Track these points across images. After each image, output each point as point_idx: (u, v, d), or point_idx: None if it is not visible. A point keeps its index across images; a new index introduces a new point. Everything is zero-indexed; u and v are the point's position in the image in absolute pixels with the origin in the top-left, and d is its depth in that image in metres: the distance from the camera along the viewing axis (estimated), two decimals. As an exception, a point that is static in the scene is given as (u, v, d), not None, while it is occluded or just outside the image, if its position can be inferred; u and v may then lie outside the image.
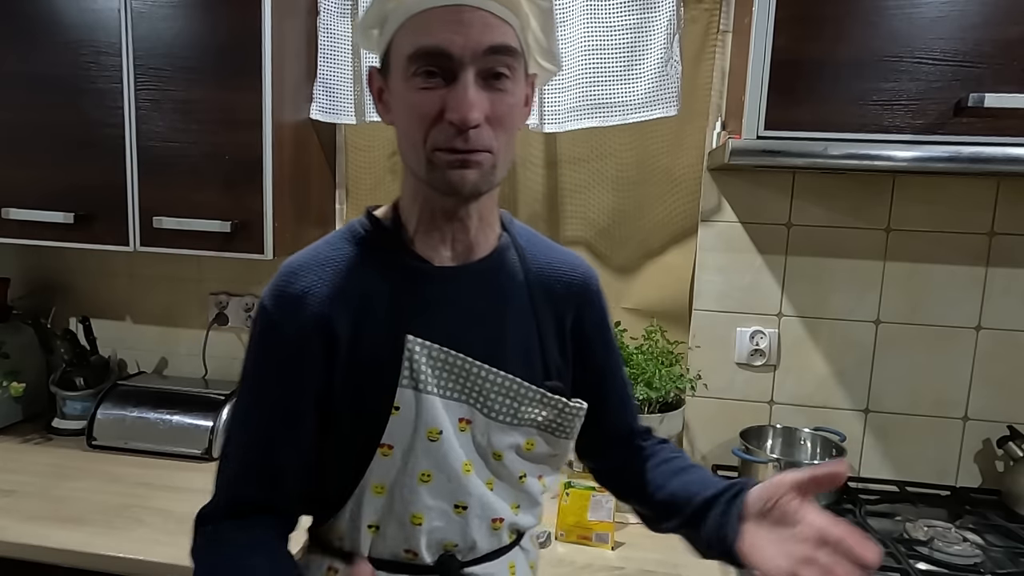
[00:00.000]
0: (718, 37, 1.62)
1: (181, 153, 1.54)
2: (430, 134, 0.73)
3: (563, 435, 0.87)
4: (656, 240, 1.73)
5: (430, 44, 0.71)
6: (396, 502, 0.81)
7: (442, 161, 0.74)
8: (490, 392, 0.82)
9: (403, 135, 0.77)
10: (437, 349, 0.79)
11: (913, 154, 1.23)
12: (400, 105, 0.76)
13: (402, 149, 0.79)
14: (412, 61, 0.73)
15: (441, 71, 0.72)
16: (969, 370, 1.62)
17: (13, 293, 1.95)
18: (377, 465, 0.80)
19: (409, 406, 0.79)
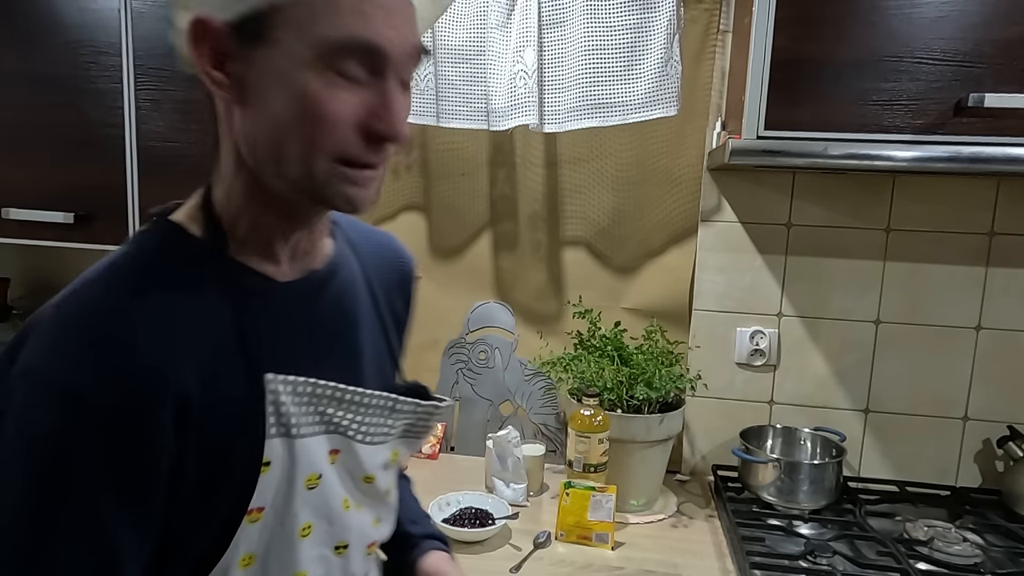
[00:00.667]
0: (718, 37, 1.62)
1: (181, 153, 1.54)
2: (342, 142, 0.60)
3: (422, 435, 0.82)
4: (656, 240, 1.73)
5: (369, 38, 0.58)
6: (271, 568, 0.68)
7: (345, 176, 0.62)
8: (363, 415, 0.72)
9: (284, 132, 0.60)
10: (302, 383, 0.67)
11: (913, 154, 1.23)
12: (291, 95, 0.59)
13: (271, 147, 0.61)
14: (339, 50, 0.58)
15: (364, 70, 0.60)
16: (969, 370, 1.62)
17: (13, 293, 1.95)
18: (244, 534, 0.65)
19: (280, 458, 0.66)
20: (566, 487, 1.40)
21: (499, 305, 1.82)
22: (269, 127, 0.61)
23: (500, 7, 1.58)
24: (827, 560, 1.29)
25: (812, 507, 1.48)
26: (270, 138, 0.61)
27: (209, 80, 0.62)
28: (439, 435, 1.79)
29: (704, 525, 1.49)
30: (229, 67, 0.61)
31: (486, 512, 1.42)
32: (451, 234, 1.82)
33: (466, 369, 1.83)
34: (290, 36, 0.58)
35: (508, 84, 1.60)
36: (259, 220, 0.67)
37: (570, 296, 1.77)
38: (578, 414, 1.45)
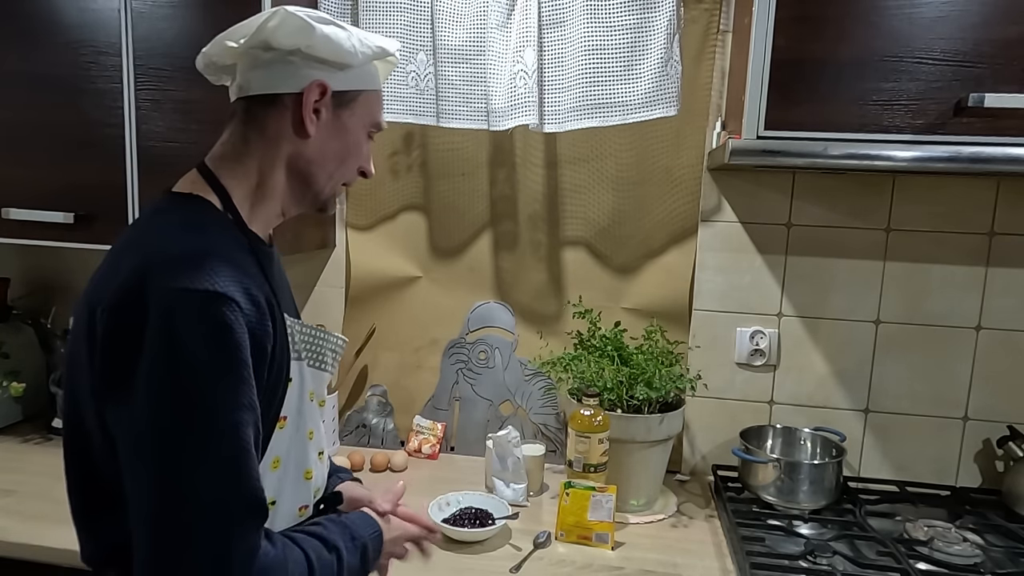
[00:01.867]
0: (718, 37, 1.62)
1: (181, 153, 1.54)
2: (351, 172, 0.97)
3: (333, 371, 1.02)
4: (656, 240, 1.73)
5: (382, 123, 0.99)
6: (291, 467, 0.90)
7: (338, 192, 0.99)
8: (324, 349, 0.97)
9: (327, 160, 0.93)
10: (298, 323, 0.91)
11: (913, 154, 1.23)
12: (343, 141, 0.94)
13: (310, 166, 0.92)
14: (375, 126, 0.98)
15: None
16: (969, 370, 1.62)
17: (13, 293, 1.95)
18: (275, 439, 0.86)
19: (297, 376, 0.89)
20: (566, 487, 1.40)
21: (499, 305, 1.82)
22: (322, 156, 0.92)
23: (500, 7, 1.58)
24: (827, 560, 1.29)
25: (812, 507, 1.48)
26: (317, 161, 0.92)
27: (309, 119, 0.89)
28: (439, 435, 1.79)
29: (704, 525, 1.49)
30: (322, 117, 0.91)
31: (486, 512, 1.42)
32: (451, 234, 1.82)
33: (466, 369, 1.83)
34: (360, 109, 0.95)
35: (508, 84, 1.60)
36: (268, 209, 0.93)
37: (570, 296, 1.77)
38: (578, 414, 1.45)
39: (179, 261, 0.75)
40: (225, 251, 0.81)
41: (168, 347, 0.71)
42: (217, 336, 0.73)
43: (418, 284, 1.85)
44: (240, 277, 0.78)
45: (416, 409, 1.85)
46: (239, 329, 0.74)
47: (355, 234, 1.85)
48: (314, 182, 0.93)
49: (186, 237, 0.80)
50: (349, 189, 1.82)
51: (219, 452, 0.73)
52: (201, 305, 0.73)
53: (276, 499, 0.88)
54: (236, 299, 0.75)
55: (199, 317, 0.72)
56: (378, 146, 1.80)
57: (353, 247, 1.85)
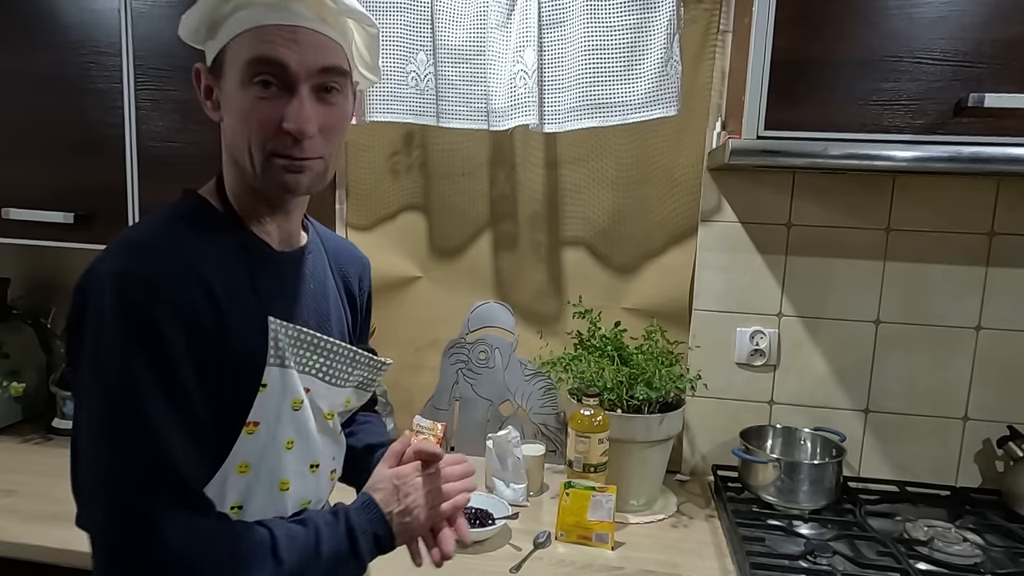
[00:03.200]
0: (718, 37, 1.62)
1: (181, 153, 1.54)
2: (268, 140, 0.82)
3: (370, 390, 1.03)
4: (656, 240, 1.73)
5: (270, 54, 0.80)
6: (263, 474, 0.85)
7: (277, 166, 0.83)
8: (332, 362, 0.93)
9: (237, 136, 0.83)
10: (294, 329, 0.87)
11: (913, 154, 1.23)
12: (235, 108, 0.83)
13: (234, 148, 0.85)
14: (250, 66, 0.80)
15: (278, 82, 0.81)
16: (969, 370, 1.62)
17: (13, 293, 1.95)
18: (242, 444, 0.83)
19: (276, 382, 0.85)
20: (566, 487, 1.40)
21: (499, 305, 1.82)
22: (232, 134, 0.85)
23: (500, 7, 1.58)
24: (827, 560, 1.29)
25: (812, 507, 1.48)
26: (233, 143, 0.85)
27: (205, 108, 0.88)
28: (439, 435, 1.79)
29: (704, 525, 1.49)
30: (214, 96, 0.86)
31: (486, 512, 1.42)
32: (451, 234, 1.82)
33: (466, 369, 1.83)
34: (231, 67, 0.82)
35: (508, 84, 1.60)
36: (251, 203, 0.89)
37: (570, 296, 1.77)
38: (578, 414, 1.45)
39: (118, 249, 0.78)
40: (178, 240, 0.81)
41: (91, 326, 0.75)
42: (121, 314, 0.74)
43: (418, 284, 1.85)
44: (178, 264, 0.78)
45: (416, 409, 1.85)
46: (143, 301, 0.74)
47: (355, 234, 1.85)
48: (244, 164, 0.85)
49: (144, 228, 0.83)
50: (350, 187, 1.82)
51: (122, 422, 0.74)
52: (112, 284, 0.75)
53: (243, 504, 0.85)
54: (151, 279, 0.75)
55: (109, 296, 0.74)
56: (379, 146, 1.80)
57: (353, 247, 1.85)
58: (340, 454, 1.01)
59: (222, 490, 0.82)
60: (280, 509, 0.88)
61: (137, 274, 0.75)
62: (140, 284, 0.75)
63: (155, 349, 0.75)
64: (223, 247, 0.84)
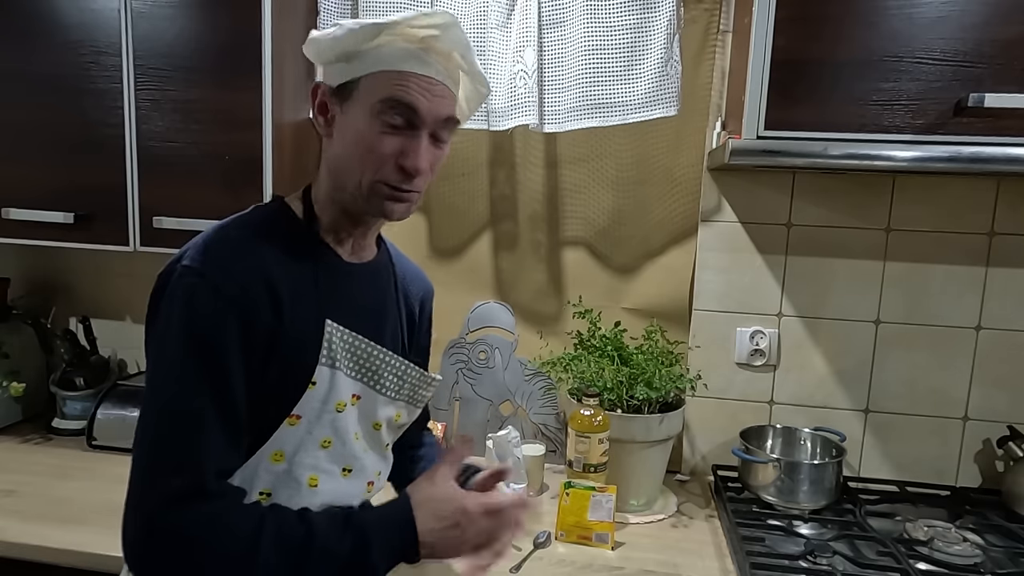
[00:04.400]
0: (718, 37, 1.62)
1: (181, 153, 1.54)
2: (380, 169, 0.89)
3: (419, 405, 1.06)
4: (656, 240, 1.73)
5: (407, 100, 0.88)
6: (295, 467, 0.89)
7: (383, 192, 0.91)
8: (382, 371, 0.97)
9: (347, 158, 0.90)
10: (349, 334, 0.92)
11: (913, 154, 1.23)
12: (355, 135, 0.89)
13: (342, 168, 0.91)
14: (385, 104, 0.88)
15: (404, 123, 0.89)
16: (969, 370, 1.62)
17: (13, 293, 1.95)
18: (282, 433, 0.88)
19: (324, 381, 0.90)
20: (566, 487, 1.40)
21: (499, 305, 1.82)
22: (342, 155, 0.91)
23: (500, 7, 1.58)
24: (827, 560, 1.29)
25: (812, 507, 1.48)
26: (343, 162, 0.91)
27: (316, 121, 0.94)
28: (439, 435, 1.79)
29: (704, 525, 1.49)
30: (330, 116, 0.93)
31: (486, 512, 1.42)
32: (451, 234, 1.82)
33: (466, 369, 1.83)
34: (363, 98, 0.89)
35: (508, 84, 1.60)
36: (335, 216, 0.95)
37: (570, 296, 1.77)
38: (578, 414, 1.45)
39: (200, 243, 0.86)
40: (251, 240, 0.88)
41: (162, 312, 0.83)
42: (182, 306, 0.82)
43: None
44: (243, 263, 0.85)
45: (416, 409, 1.85)
46: (207, 302, 0.81)
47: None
48: (345, 183, 0.92)
49: (225, 227, 0.90)
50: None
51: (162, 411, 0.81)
52: (179, 278, 0.83)
53: (272, 492, 0.89)
54: (213, 276, 0.82)
55: (175, 288, 0.83)
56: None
57: (353, 247, 1.86)
58: (385, 469, 1.05)
59: (255, 474, 0.87)
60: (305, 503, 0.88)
61: (206, 272, 0.82)
62: (207, 283, 0.82)
63: (210, 348, 0.81)
64: (293, 251, 0.90)
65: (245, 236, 0.89)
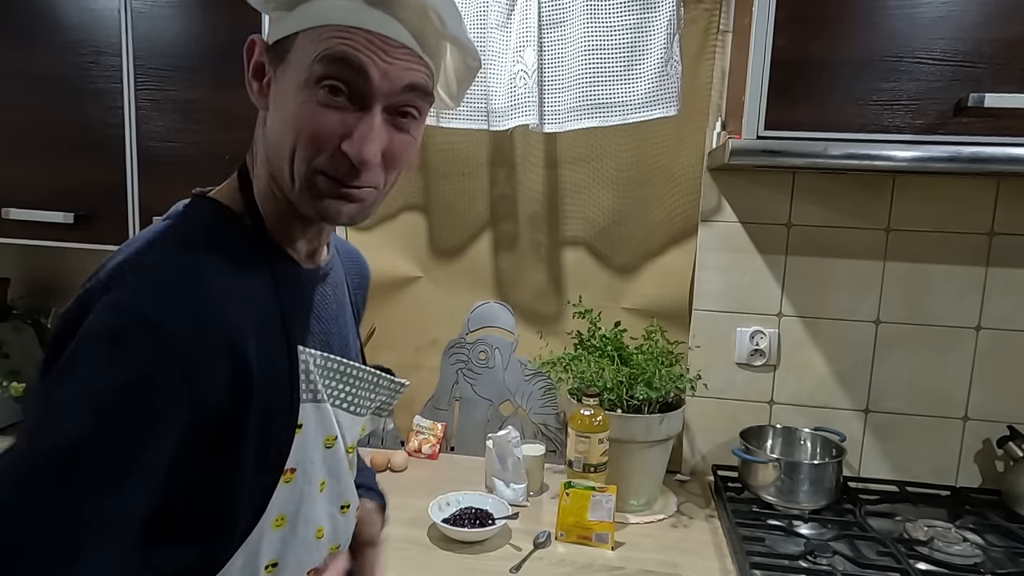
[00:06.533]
0: (718, 37, 1.62)
1: (181, 153, 1.54)
2: (317, 156, 0.67)
3: (384, 414, 0.90)
4: (656, 240, 1.73)
5: (350, 57, 0.65)
6: (300, 526, 0.75)
7: (322, 187, 0.68)
8: (356, 389, 0.81)
9: (281, 138, 0.68)
10: (322, 357, 0.75)
11: (913, 154, 1.23)
12: (288, 106, 0.68)
13: (273, 150, 0.70)
14: (322, 64, 0.65)
15: (349, 92, 0.66)
16: (969, 370, 1.62)
17: (13, 293, 1.95)
18: (279, 496, 0.71)
19: (310, 420, 0.73)
20: (566, 487, 1.40)
21: (499, 305, 1.82)
22: (276, 134, 0.69)
23: (500, 7, 1.58)
24: (827, 560, 1.29)
25: (812, 507, 1.48)
26: (275, 144, 0.70)
27: (249, 88, 0.72)
28: (439, 435, 1.79)
29: (704, 525, 1.49)
30: (265, 80, 0.71)
31: (486, 512, 1.42)
32: (451, 234, 1.82)
33: (466, 369, 1.83)
34: (298, 57, 0.67)
35: (508, 84, 1.60)
36: (280, 211, 0.74)
37: (570, 296, 1.77)
38: (578, 414, 1.45)
39: (128, 273, 0.63)
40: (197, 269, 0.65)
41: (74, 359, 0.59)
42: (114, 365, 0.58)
43: (418, 284, 1.85)
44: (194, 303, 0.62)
45: (416, 409, 1.85)
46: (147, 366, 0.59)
47: (355, 234, 1.85)
48: (279, 172, 0.70)
49: (157, 249, 0.66)
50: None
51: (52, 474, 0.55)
52: (111, 322, 0.59)
53: (278, 561, 0.74)
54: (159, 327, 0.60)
55: (105, 335, 0.59)
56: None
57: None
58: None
59: (257, 548, 0.72)
60: (315, 560, 0.79)
61: (144, 317, 0.60)
62: (144, 332, 0.59)
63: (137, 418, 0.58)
64: (249, 271, 0.70)
65: (186, 261, 0.65)
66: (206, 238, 0.70)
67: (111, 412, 0.57)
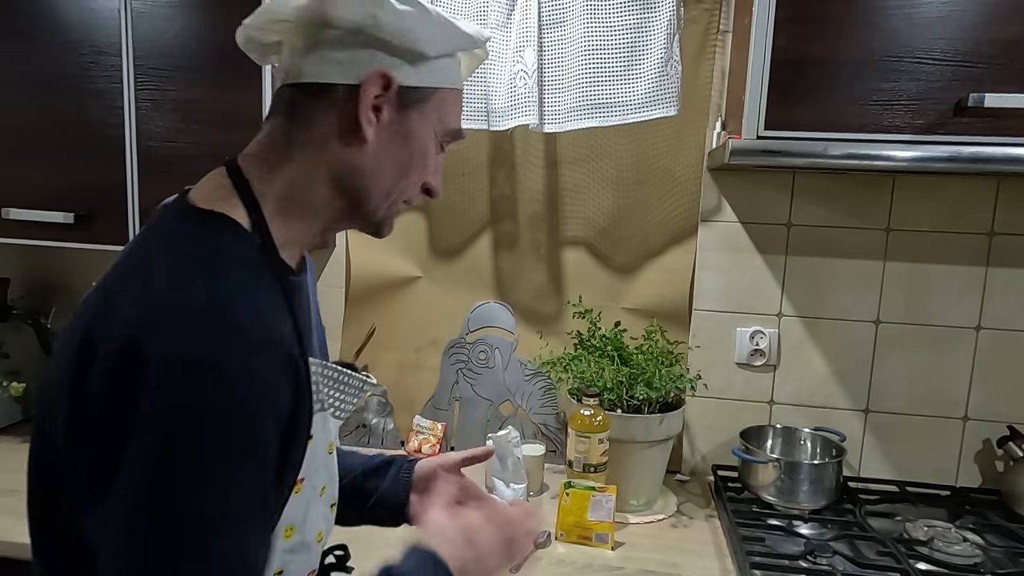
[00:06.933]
0: (718, 37, 1.62)
1: (181, 153, 1.54)
2: (415, 187, 0.80)
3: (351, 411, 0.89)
4: (656, 240, 1.73)
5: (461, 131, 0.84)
6: (306, 532, 0.75)
7: (398, 210, 0.80)
8: (343, 393, 0.82)
9: (386, 173, 0.75)
10: (320, 365, 0.76)
11: (913, 154, 1.23)
12: (407, 150, 0.76)
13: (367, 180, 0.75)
14: (451, 136, 0.82)
15: None
16: (969, 370, 1.62)
17: (13, 293, 1.95)
18: (291, 507, 0.71)
19: (318, 429, 0.74)
20: (566, 487, 1.40)
21: (499, 305, 1.82)
22: (385, 165, 0.75)
23: (500, 7, 1.58)
24: (827, 560, 1.29)
25: (812, 507, 1.48)
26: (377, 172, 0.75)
27: (366, 119, 0.72)
28: (439, 435, 1.79)
29: (704, 525, 1.49)
30: (382, 117, 0.74)
31: (486, 512, 1.42)
32: (451, 234, 1.82)
33: (466, 369, 1.83)
34: (432, 113, 0.78)
35: (508, 84, 1.60)
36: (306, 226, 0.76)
37: (570, 296, 1.77)
38: (578, 414, 1.45)
39: (185, 319, 0.60)
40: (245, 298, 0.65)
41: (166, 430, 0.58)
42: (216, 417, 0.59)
43: (418, 284, 1.85)
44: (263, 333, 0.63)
45: (416, 409, 1.85)
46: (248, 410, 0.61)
47: (355, 234, 1.85)
48: (367, 199, 0.75)
49: (195, 282, 0.63)
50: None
51: (220, 552, 0.60)
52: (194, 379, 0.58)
53: (284, 568, 0.73)
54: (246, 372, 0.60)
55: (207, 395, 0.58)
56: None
57: (353, 247, 1.85)
58: None
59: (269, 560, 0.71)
60: (313, 563, 0.79)
61: (230, 366, 0.59)
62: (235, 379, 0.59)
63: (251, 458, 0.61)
64: (268, 286, 0.70)
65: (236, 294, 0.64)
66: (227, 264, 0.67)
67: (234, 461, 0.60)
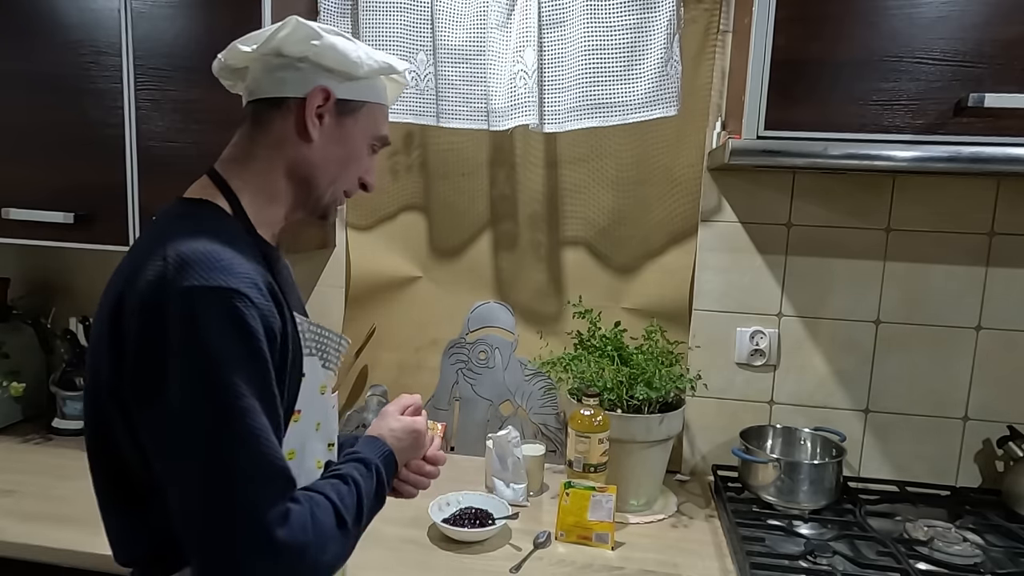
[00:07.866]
0: (718, 37, 1.62)
1: (181, 153, 1.54)
2: (353, 180, 1.00)
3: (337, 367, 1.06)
4: (656, 240, 1.73)
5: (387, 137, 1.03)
6: (306, 459, 0.93)
7: (340, 199, 1.01)
8: (326, 348, 0.98)
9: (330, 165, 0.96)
10: (306, 322, 0.94)
11: (913, 154, 1.23)
12: (345, 148, 0.97)
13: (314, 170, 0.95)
14: (380, 141, 1.02)
15: None
16: (969, 370, 1.62)
17: (13, 293, 1.95)
18: (291, 433, 0.89)
19: (310, 370, 0.92)
20: (566, 487, 1.40)
21: (499, 305, 1.82)
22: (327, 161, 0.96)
23: (500, 7, 1.58)
24: (827, 560, 1.29)
25: (812, 507, 1.48)
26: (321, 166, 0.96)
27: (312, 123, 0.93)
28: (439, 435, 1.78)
29: (704, 525, 1.49)
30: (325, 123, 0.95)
31: (486, 512, 1.42)
32: (451, 234, 1.82)
33: (466, 369, 1.83)
34: (363, 119, 0.98)
35: (508, 84, 1.60)
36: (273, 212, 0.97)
37: (570, 296, 1.77)
38: (578, 414, 1.45)
39: (194, 261, 0.79)
40: (232, 251, 0.83)
41: (190, 345, 0.77)
42: (232, 329, 0.78)
43: (418, 284, 1.85)
44: (251, 273, 0.82)
45: (416, 409, 1.84)
46: (252, 322, 0.79)
47: (355, 234, 1.85)
48: (315, 187, 0.96)
49: (200, 238, 0.83)
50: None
51: (245, 433, 0.78)
52: (214, 299, 0.77)
53: None
54: (248, 294, 0.80)
55: (215, 313, 0.77)
56: (378, 146, 1.80)
57: (353, 247, 1.85)
58: None
59: None
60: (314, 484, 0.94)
61: (233, 288, 0.79)
62: (239, 298, 0.79)
63: (260, 362, 0.80)
64: (254, 255, 0.88)
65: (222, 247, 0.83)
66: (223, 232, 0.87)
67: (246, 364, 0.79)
